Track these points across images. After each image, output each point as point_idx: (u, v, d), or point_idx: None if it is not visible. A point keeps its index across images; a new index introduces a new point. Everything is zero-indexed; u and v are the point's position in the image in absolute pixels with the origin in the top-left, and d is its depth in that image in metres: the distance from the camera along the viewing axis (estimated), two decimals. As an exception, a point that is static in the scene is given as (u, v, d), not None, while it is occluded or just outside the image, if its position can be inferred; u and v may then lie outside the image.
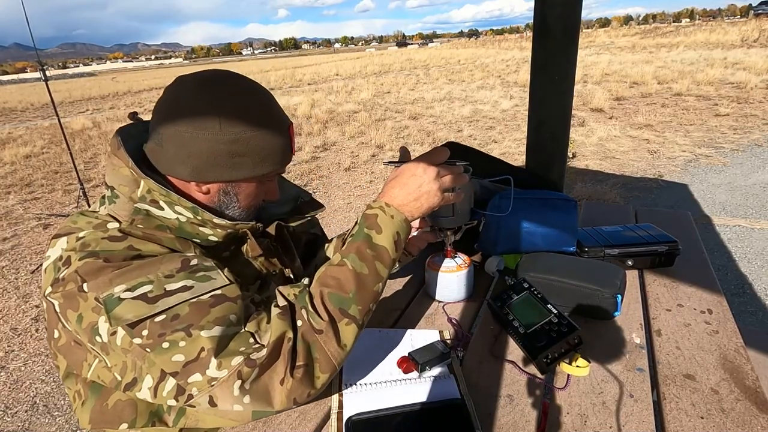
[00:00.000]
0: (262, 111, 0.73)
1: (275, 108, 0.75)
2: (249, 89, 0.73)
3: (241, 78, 0.74)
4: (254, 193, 0.79)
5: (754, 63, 10.38)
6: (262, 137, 0.71)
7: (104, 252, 0.63)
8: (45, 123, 10.68)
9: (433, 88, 11.68)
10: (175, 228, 0.71)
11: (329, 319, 0.66)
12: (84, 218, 0.70)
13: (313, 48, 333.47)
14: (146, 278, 0.61)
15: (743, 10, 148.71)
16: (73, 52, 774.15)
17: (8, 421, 1.93)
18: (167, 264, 0.63)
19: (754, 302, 2.37)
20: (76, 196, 4.14)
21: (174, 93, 0.70)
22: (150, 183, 0.68)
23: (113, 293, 0.59)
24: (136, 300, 0.59)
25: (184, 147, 0.69)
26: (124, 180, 0.70)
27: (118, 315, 0.59)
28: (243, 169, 0.72)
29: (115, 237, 0.65)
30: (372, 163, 5.45)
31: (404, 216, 0.74)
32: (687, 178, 4.22)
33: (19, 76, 71.69)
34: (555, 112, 1.68)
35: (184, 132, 0.68)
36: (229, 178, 0.73)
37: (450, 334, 0.93)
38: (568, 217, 1.16)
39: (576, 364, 0.78)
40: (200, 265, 0.66)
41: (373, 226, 0.72)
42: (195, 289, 0.62)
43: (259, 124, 0.71)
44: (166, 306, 0.60)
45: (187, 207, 0.70)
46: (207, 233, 0.73)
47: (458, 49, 32.68)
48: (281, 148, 0.75)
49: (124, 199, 0.70)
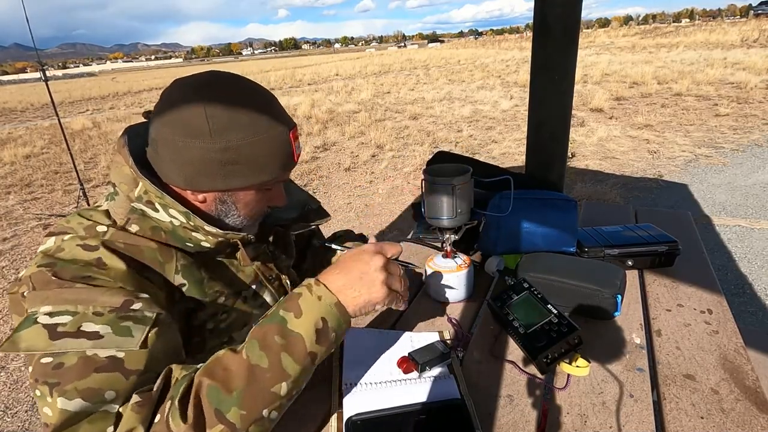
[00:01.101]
0: (257, 116, 0.67)
1: (274, 112, 0.70)
2: (244, 93, 0.69)
3: (238, 80, 0.70)
4: (254, 201, 0.75)
5: (754, 63, 10.38)
6: (257, 144, 0.67)
7: (63, 263, 0.61)
8: (45, 123, 10.68)
9: (433, 88, 11.68)
10: (169, 231, 0.70)
11: (194, 423, 0.52)
12: (78, 218, 0.69)
13: (313, 48, 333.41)
14: (73, 308, 0.57)
15: (743, 10, 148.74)
16: (73, 52, 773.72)
17: (8, 421, 1.93)
18: (107, 297, 0.58)
19: (754, 302, 2.37)
20: (76, 196, 4.14)
21: (167, 97, 0.68)
22: (146, 184, 0.67)
23: (37, 312, 0.57)
24: (44, 329, 0.55)
25: (177, 155, 0.67)
26: (125, 178, 0.70)
27: (16, 339, 0.55)
28: (237, 177, 0.69)
29: (89, 246, 0.64)
30: (372, 163, 5.45)
31: (336, 300, 0.61)
32: (687, 178, 4.22)
33: (19, 76, 71.71)
34: (555, 112, 1.68)
35: (177, 140, 0.66)
36: (224, 187, 0.70)
37: (450, 334, 0.93)
38: (568, 217, 1.16)
39: (576, 364, 0.78)
40: (137, 314, 0.59)
41: (292, 308, 0.60)
42: (102, 341, 0.55)
43: (254, 130, 0.67)
44: (59, 350, 0.54)
45: (180, 212, 0.68)
46: (199, 239, 0.72)
47: (458, 49, 32.69)
48: (280, 155, 0.70)
49: (122, 196, 0.70)
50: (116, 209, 0.70)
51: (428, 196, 1.02)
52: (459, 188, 0.98)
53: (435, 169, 1.04)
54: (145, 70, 64.38)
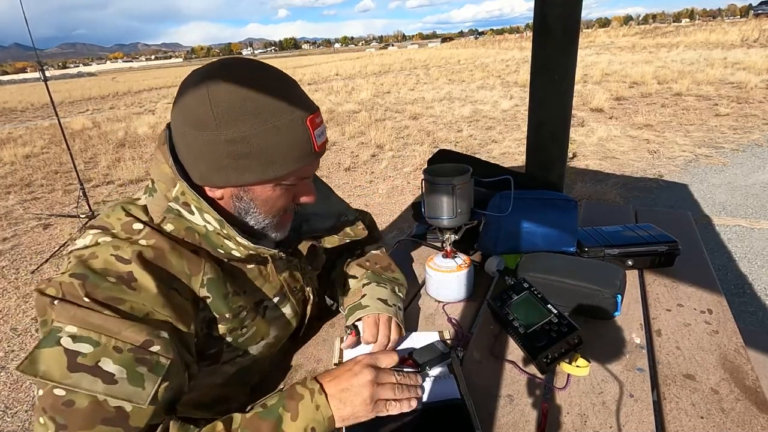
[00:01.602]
0: (267, 101, 0.62)
1: (288, 96, 0.64)
2: (254, 77, 0.63)
3: (249, 64, 0.65)
4: (275, 198, 0.70)
5: (754, 63, 10.38)
6: (268, 134, 0.62)
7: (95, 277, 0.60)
8: (45, 123, 10.68)
9: (433, 88, 11.68)
10: (203, 235, 0.68)
11: None
12: (119, 212, 0.68)
13: (313, 48, 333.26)
14: (97, 336, 0.56)
15: (743, 10, 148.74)
16: (73, 52, 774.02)
17: (8, 421, 1.93)
18: (130, 333, 0.58)
19: (754, 302, 2.37)
20: (76, 196, 4.14)
21: (180, 90, 0.65)
22: (184, 186, 0.65)
23: (62, 329, 0.56)
24: (65, 355, 0.55)
25: (189, 149, 0.65)
26: (163, 177, 0.68)
27: (37, 357, 0.54)
28: (251, 172, 0.64)
29: (122, 259, 0.62)
30: (372, 163, 5.45)
31: (331, 414, 0.63)
32: (687, 178, 4.22)
33: (19, 76, 71.71)
34: (555, 112, 1.68)
35: (186, 133, 0.63)
36: (237, 182, 0.66)
37: (450, 334, 0.93)
38: (568, 217, 1.16)
39: (576, 364, 0.78)
40: (153, 358, 0.59)
41: (290, 409, 0.62)
42: (115, 389, 0.55)
43: (263, 117, 0.61)
44: (74, 385, 0.54)
45: (215, 219, 0.67)
46: (231, 247, 0.70)
47: (458, 49, 32.69)
48: (297, 145, 0.64)
49: (160, 195, 0.68)
50: (153, 206, 0.68)
51: (428, 196, 1.02)
52: (459, 188, 0.98)
53: (435, 169, 1.04)
54: (144, 70, 64.37)
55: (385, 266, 1.01)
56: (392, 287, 0.96)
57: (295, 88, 0.66)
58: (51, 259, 3.39)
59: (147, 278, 0.62)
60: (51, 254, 3.44)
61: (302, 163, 0.67)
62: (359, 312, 0.88)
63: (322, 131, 0.68)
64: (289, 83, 0.66)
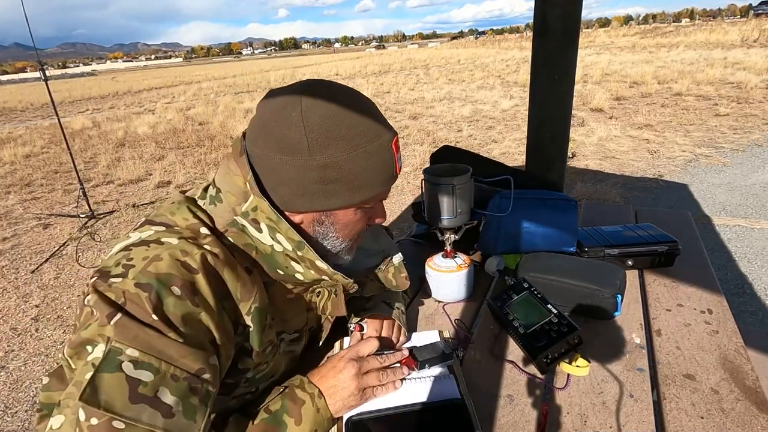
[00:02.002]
0: (358, 127, 0.62)
1: (375, 122, 0.64)
2: (342, 101, 0.62)
3: (336, 89, 0.64)
4: (355, 221, 0.70)
5: (754, 63, 10.38)
6: (359, 159, 0.62)
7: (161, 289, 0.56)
8: (45, 123, 10.68)
9: (433, 87, 11.68)
10: (265, 254, 0.66)
11: None
12: (185, 212, 0.65)
13: (313, 48, 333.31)
14: (157, 363, 0.54)
15: (743, 10, 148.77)
16: (73, 51, 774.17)
17: (8, 421, 1.93)
18: (188, 360, 0.56)
19: (754, 302, 2.37)
20: (76, 195, 4.14)
21: (262, 111, 0.63)
22: (263, 205, 0.63)
23: (122, 351, 0.53)
24: (126, 383, 0.52)
25: (274, 173, 0.62)
26: (234, 189, 0.65)
27: (99, 383, 0.51)
28: (338, 197, 0.64)
29: (189, 267, 0.58)
30: (372, 163, 5.44)
31: (330, 415, 0.67)
32: (687, 178, 4.22)
33: (19, 75, 71.74)
34: (555, 112, 1.69)
35: (273, 157, 0.61)
36: (322, 207, 0.65)
37: (450, 334, 0.93)
38: (568, 217, 1.16)
39: (576, 364, 0.78)
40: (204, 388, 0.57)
41: (294, 414, 0.64)
42: (172, 422, 0.53)
43: (355, 143, 0.61)
44: (135, 419, 0.51)
45: (293, 240, 0.64)
46: (296, 269, 0.67)
47: (458, 49, 32.68)
48: (383, 169, 0.64)
49: (226, 206, 0.65)
50: (217, 217, 0.66)
51: (428, 196, 1.02)
52: (459, 188, 0.98)
53: (435, 169, 1.04)
54: (144, 69, 64.38)
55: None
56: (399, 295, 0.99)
57: (378, 111, 0.66)
58: (51, 259, 3.39)
59: (209, 292, 0.59)
60: (51, 254, 3.44)
61: (386, 187, 0.68)
62: (363, 312, 0.90)
63: (400, 155, 0.69)
64: (373, 106, 0.66)
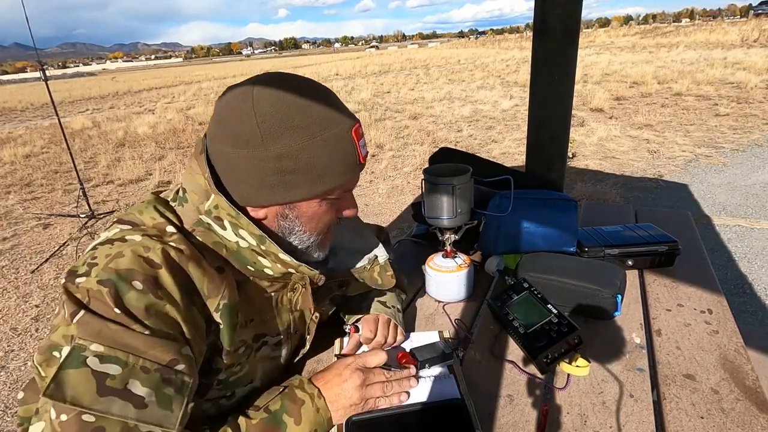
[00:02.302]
0: (313, 115, 0.61)
1: (335, 108, 0.63)
2: (298, 90, 0.62)
3: (290, 78, 0.63)
4: (321, 214, 0.68)
5: (754, 63, 10.38)
6: (315, 148, 0.61)
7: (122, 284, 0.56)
8: (45, 123, 10.68)
9: (433, 87, 11.68)
10: (233, 251, 0.65)
11: None
12: (152, 212, 0.64)
13: (313, 48, 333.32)
14: (124, 357, 0.53)
15: (743, 10, 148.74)
16: (73, 51, 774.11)
17: (8, 421, 1.93)
18: (158, 352, 0.55)
19: (754, 302, 2.37)
20: (76, 195, 4.14)
21: (217, 106, 0.63)
22: (221, 201, 0.62)
23: (86, 347, 0.52)
24: (93, 377, 0.51)
25: (231, 169, 0.62)
26: (197, 188, 0.65)
27: (63, 379, 0.50)
28: (298, 188, 0.63)
29: (151, 261, 0.58)
30: (372, 162, 5.45)
31: (330, 416, 0.67)
32: (687, 178, 4.22)
33: (19, 75, 71.75)
34: (555, 112, 1.68)
35: (228, 152, 0.61)
36: (284, 200, 0.64)
37: (450, 334, 0.93)
38: (568, 217, 1.16)
39: (576, 364, 0.78)
40: (179, 378, 0.57)
41: (293, 414, 0.64)
42: (145, 413, 0.53)
43: (311, 131, 0.60)
44: (105, 411, 0.51)
45: (254, 234, 0.64)
46: (264, 265, 0.67)
47: (458, 49, 32.69)
48: (344, 157, 0.63)
49: (191, 206, 0.65)
50: (184, 216, 0.66)
51: (428, 196, 1.02)
52: (459, 188, 0.98)
53: (435, 169, 1.04)
54: (143, 69, 64.40)
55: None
56: (395, 292, 0.98)
57: (336, 99, 0.65)
58: (51, 259, 3.39)
59: (173, 287, 0.59)
60: (51, 254, 3.44)
61: (349, 176, 0.66)
62: (359, 311, 0.90)
63: (364, 142, 0.67)
64: (331, 95, 0.65)
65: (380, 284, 0.88)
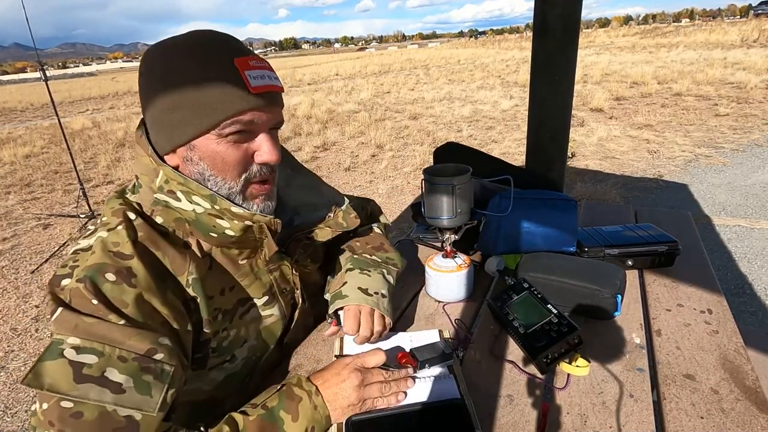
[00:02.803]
0: (192, 52, 0.62)
1: (215, 45, 0.64)
2: (182, 38, 0.65)
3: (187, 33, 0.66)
4: (221, 153, 0.66)
5: (754, 63, 10.38)
6: (195, 80, 0.61)
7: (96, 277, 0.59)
8: (45, 123, 10.68)
9: (433, 88, 11.68)
10: (193, 221, 0.68)
11: None
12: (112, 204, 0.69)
13: (312, 48, 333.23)
14: (101, 347, 0.56)
15: (743, 10, 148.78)
16: (73, 52, 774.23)
17: (8, 421, 1.93)
18: (134, 341, 0.58)
19: (754, 302, 2.37)
20: (76, 196, 4.14)
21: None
22: (167, 171, 0.66)
23: (64, 341, 0.55)
24: (70, 366, 0.54)
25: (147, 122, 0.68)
26: (146, 169, 0.68)
27: (41, 371, 0.53)
28: (187, 124, 0.63)
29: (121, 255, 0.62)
30: (372, 163, 5.45)
31: (328, 413, 0.67)
32: (687, 178, 4.22)
33: (19, 76, 71.73)
34: (555, 112, 1.69)
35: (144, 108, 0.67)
36: (179, 139, 0.65)
37: (450, 334, 0.93)
38: (568, 217, 1.16)
39: (576, 364, 0.78)
40: (158, 367, 0.59)
41: (290, 411, 0.65)
42: (124, 398, 0.55)
43: (187, 65, 0.62)
44: (82, 396, 0.53)
45: (205, 196, 0.66)
46: (224, 226, 0.68)
47: (458, 49, 32.68)
48: (229, 88, 0.62)
49: (146, 188, 0.69)
50: (142, 201, 0.69)
51: (428, 196, 1.02)
52: (459, 188, 0.98)
53: (435, 169, 1.04)
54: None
55: (376, 246, 0.99)
56: (380, 271, 0.93)
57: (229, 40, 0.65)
58: (51, 259, 3.39)
59: (145, 275, 0.62)
60: (51, 254, 3.44)
61: (237, 108, 0.63)
62: (339, 302, 0.87)
63: (260, 74, 0.64)
64: (222, 37, 0.65)
65: (345, 227, 0.88)
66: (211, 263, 0.72)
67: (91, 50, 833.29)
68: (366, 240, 1.01)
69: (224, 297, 0.73)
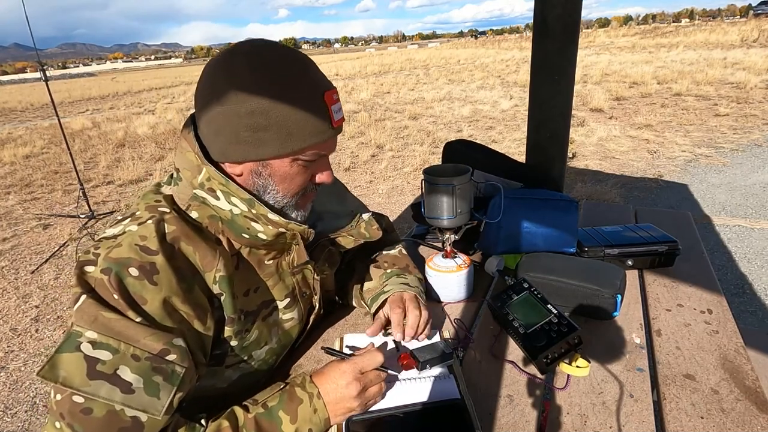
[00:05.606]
0: (286, 77, 0.64)
1: (309, 72, 0.67)
2: (273, 53, 0.66)
3: (271, 45, 0.67)
4: (292, 175, 0.71)
5: (754, 63, 10.37)
6: (286, 107, 0.64)
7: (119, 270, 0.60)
8: (45, 123, 10.67)
9: (433, 88, 11.67)
10: (227, 220, 0.69)
11: None
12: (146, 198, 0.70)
13: (313, 48, 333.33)
14: (116, 344, 0.57)
15: (743, 10, 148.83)
16: (73, 52, 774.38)
17: (8, 422, 1.93)
18: (149, 341, 0.58)
19: (754, 302, 2.37)
20: (76, 196, 4.14)
21: (203, 72, 0.68)
22: (211, 170, 0.67)
23: (81, 333, 0.57)
24: (85, 361, 0.55)
25: (209, 125, 0.67)
26: (188, 164, 0.69)
27: (57, 362, 0.55)
28: (268, 145, 0.66)
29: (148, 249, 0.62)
30: (372, 163, 5.45)
31: (327, 416, 0.68)
32: (687, 178, 4.22)
33: (19, 76, 71.76)
34: (555, 112, 1.68)
35: (208, 109, 0.66)
36: (256, 156, 0.67)
37: (450, 334, 0.93)
38: (568, 217, 1.16)
39: (576, 364, 0.78)
40: (169, 367, 0.60)
41: (290, 412, 0.65)
42: (132, 398, 0.56)
43: (281, 92, 0.63)
44: (93, 393, 0.55)
45: (244, 199, 0.68)
46: (258, 230, 0.70)
47: (458, 49, 32.68)
48: (315, 119, 0.66)
49: (186, 183, 0.70)
50: (179, 195, 0.70)
51: (428, 196, 1.02)
52: (459, 188, 0.98)
53: (435, 169, 1.04)
54: (144, 70, 64.39)
55: (402, 267, 1.01)
56: (415, 275, 1.00)
57: (313, 65, 0.68)
58: (51, 259, 3.39)
59: (169, 272, 0.62)
60: (51, 255, 3.44)
61: (320, 139, 0.68)
62: (383, 296, 0.89)
63: (339, 108, 0.69)
64: (308, 61, 0.68)
65: (368, 237, 0.92)
66: (238, 262, 0.73)
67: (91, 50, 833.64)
68: (392, 261, 1.03)
69: (248, 298, 0.74)
